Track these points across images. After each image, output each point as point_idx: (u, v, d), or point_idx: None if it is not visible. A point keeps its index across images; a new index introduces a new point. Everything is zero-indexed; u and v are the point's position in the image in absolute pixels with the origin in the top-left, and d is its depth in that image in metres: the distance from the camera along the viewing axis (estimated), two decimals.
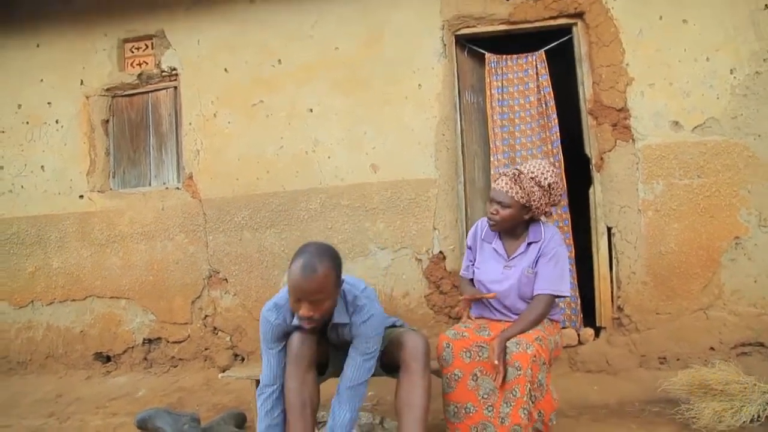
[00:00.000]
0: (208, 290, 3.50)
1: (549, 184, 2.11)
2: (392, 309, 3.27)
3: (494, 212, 2.16)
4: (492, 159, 3.26)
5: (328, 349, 2.06)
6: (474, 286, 2.28)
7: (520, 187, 2.12)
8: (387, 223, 3.29)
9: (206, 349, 3.49)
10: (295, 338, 1.90)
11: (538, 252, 2.16)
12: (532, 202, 2.12)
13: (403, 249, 3.30)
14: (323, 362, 2.04)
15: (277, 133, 3.44)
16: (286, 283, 1.85)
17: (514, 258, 2.19)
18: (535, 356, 1.94)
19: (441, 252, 3.26)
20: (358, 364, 1.92)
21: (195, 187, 3.52)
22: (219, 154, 3.50)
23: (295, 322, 1.87)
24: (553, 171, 2.14)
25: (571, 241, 3.18)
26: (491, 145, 3.27)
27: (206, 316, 3.49)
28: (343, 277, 1.92)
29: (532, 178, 2.11)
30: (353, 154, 3.36)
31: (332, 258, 1.83)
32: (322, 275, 1.77)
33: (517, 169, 2.16)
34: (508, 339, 2.02)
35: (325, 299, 1.80)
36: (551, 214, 2.25)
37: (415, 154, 3.28)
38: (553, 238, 2.18)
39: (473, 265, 2.29)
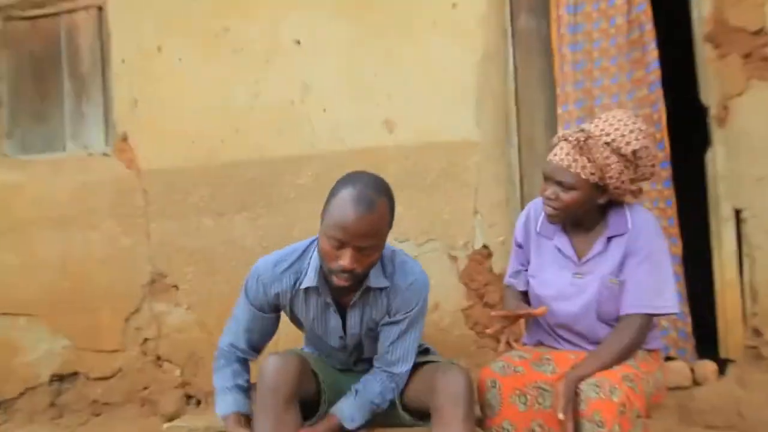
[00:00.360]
0: (149, 302, 3.48)
1: (633, 152, 2.04)
2: None
3: (552, 196, 2.11)
4: (560, 111, 3.10)
5: (320, 382, 2.07)
6: (526, 300, 2.26)
7: (588, 158, 2.05)
8: (408, 204, 3.21)
9: (145, 388, 3.48)
10: (271, 363, 1.93)
11: (624, 250, 2.11)
12: (608, 180, 2.06)
13: (431, 242, 3.23)
14: (313, 398, 2.05)
15: (250, 76, 3.39)
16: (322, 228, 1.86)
17: (588, 261, 2.14)
18: (623, 405, 1.89)
19: (485, 246, 3.20)
20: (398, 340, 2.02)
21: (131, 153, 3.52)
22: (166, 105, 3.47)
23: (308, 282, 1.96)
24: (639, 129, 2.06)
25: (677, 232, 3.06)
26: (558, 91, 3.11)
27: (146, 339, 3.49)
28: None
29: (606, 143, 2.04)
30: (359, 106, 3.28)
31: (390, 195, 1.89)
32: (379, 214, 1.81)
33: (582, 129, 2.08)
34: (582, 379, 1.97)
35: (376, 248, 1.85)
36: (640, 191, 2.16)
37: (447, 105, 3.21)
38: (645, 227, 2.12)
39: (525, 271, 2.28)
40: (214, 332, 3.35)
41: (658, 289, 2.08)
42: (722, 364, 3.07)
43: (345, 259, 1.84)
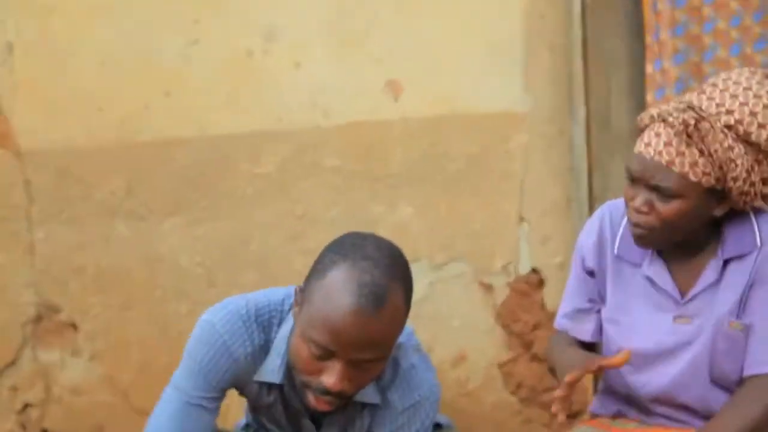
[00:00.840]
0: (33, 349, 3.43)
1: None
2: None
3: (644, 209, 2.11)
4: (650, 69, 3.07)
5: None
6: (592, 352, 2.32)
7: (701, 151, 2.03)
8: (420, 207, 3.24)
9: None
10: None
11: (750, 278, 2.14)
12: (731, 182, 2.05)
13: (454, 263, 3.24)
14: None
15: (186, 14, 3.32)
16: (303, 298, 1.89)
17: (695, 298, 2.17)
18: None
19: (535, 270, 3.22)
20: None
21: (4, 125, 3.39)
22: (59, 54, 3.38)
23: (268, 375, 1.97)
24: None
25: None
26: (649, 40, 3.08)
27: (27, 405, 3.42)
28: None
29: (728, 126, 2.03)
30: (349, 61, 3.27)
31: (406, 273, 1.91)
32: (392, 313, 1.83)
33: (690, 105, 2.07)
34: None
35: (381, 360, 1.87)
36: None
37: (480, 60, 3.21)
38: None
39: (595, 309, 2.30)
40: (129, 393, 3.37)
41: None
42: None
43: (331, 377, 1.83)
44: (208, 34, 3.32)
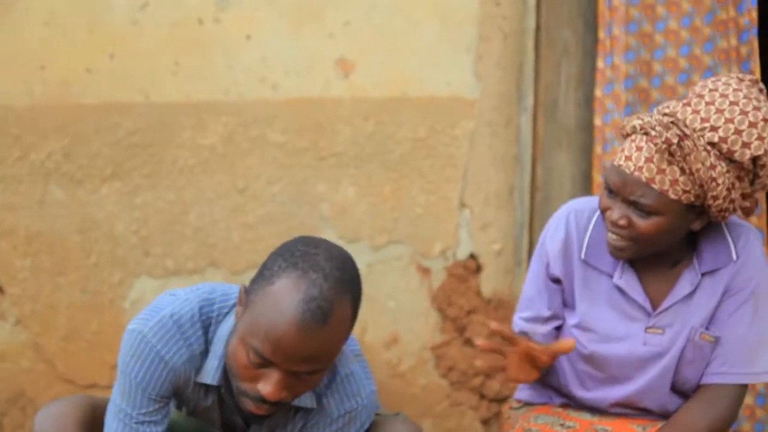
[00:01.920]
0: None
1: (754, 159, 2.04)
2: None
3: (623, 223, 2.10)
4: (601, 64, 3.06)
5: None
6: (551, 373, 2.32)
7: (683, 169, 2.02)
8: (363, 187, 3.24)
9: None
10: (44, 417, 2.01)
11: (724, 290, 2.18)
12: (712, 200, 2.06)
13: (394, 245, 3.24)
14: None
15: None
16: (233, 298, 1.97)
17: (668, 309, 2.19)
18: None
19: (473, 256, 3.22)
20: None
21: None
22: (1, 9, 3.28)
23: (206, 377, 1.96)
24: (764, 119, 2.03)
25: None
26: (602, 34, 3.06)
27: None
28: None
29: (711, 143, 2.02)
30: (302, 35, 3.23)
31: (355, 284, 1.88)
32: (336, 326, 1.81)
33: (673, 119, 2.04)
34: None
35: (321, 371, 1.87)
36: (755, 204, 2.19)
37: (433, 42, 3.21)
38: (753, 255, 2.19)
39: (555, 318, 2.30)
40: (55, 361, 3.31)
41: (761, 345, 2.14)
42: None
43: (267, 386, 1.82)
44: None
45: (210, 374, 1.94)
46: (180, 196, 3.29)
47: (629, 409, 2.23)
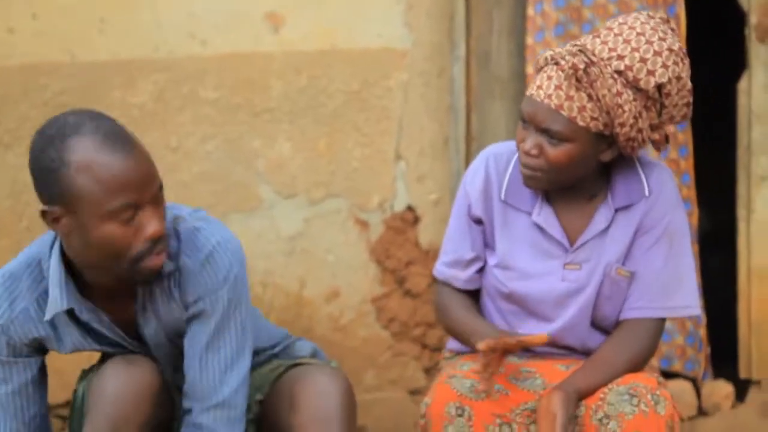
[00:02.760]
0: None
1: (659, 86, 2.08)
2: (305, 325, 3.23)
3: (534, 151, 2.13)
4: (531, 11, 3.12)
5: (171, 395, 2.10)
6: (480, 312, 2.31)
7: (590, 95, 2.07)
8: (298, 142, 3.25)
9: None
10: (108, 376, 1.94)
11: (637, 226, 2.20)
12: (619, 128, 2.09)
13: (331, 199, 3.28)
14: (163, 420, 2.09)
15: None
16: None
17: (584, 245, 2.21)
18: (672, 420, 2.04)
19: (410, 208, 3.25)
20: (209, 358, 2.00)
21: None
22: None
23: (54, 307, 1.93)
24: (669, 49, 2.08)
25: (693, 194, 3.16)
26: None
27: None
28: None
29: (618, 72, 2.07)
30: None
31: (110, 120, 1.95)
32: (138, 142, 1.89)
33: (581, 48, 2.10)
34: (584, 396, 2.09)
35: (161, 185, 1.91)
36: (666, 140, 2.23)
37: None
38: (664, 192, 2.21)
39: (478, 260, 2.29)
40: None
41: (676, 281, 2.17)
42: (741, 386, 3.21)
43: (152, 223, 1.84)
44: None
45: (55, 302, 1.93)
46: None
47: (553, 347, 2.24)
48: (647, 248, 2.18)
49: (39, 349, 2.03)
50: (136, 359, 1.98)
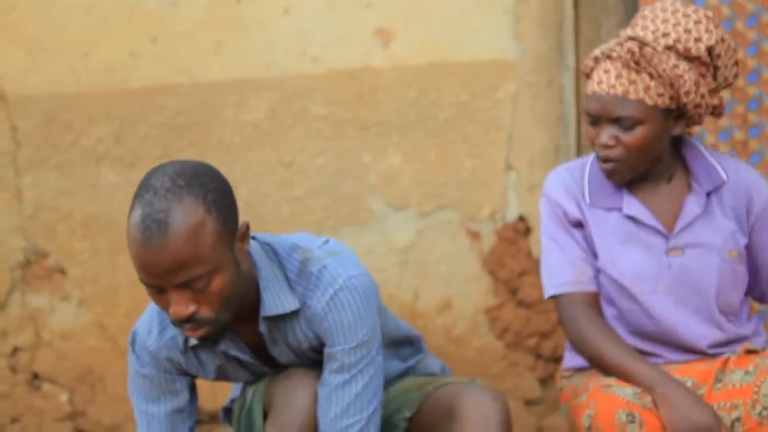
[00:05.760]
0: (22, 294, 3.38)
1: (709, 48, 2.17)
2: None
3: (611, 143, 2.20)
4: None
5: None
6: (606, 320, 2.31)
7: (651, 74, 2.15)
8: (408, 155, 3.24)
9: (15, 420, 3.40)
10: (299, 386, 2.03)
11: (734, 210, 2.29)
12: (685, 96, 2.16)
13: (442, 211, 3.25)
14: None
15: None
16: None
17: (683, 230, 2.25)
18: None
19: (522, 218, 3.24)
20: (339, 388, 2.03)
21: None
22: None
23: (192, 340, 2.03)
24: (705, 16, 2.21)
25: None
26: None
27: (17, 349, 3.37)
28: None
29: (668, 47, 2.16)
30: (338, 7, 3.22)
31: (202, 187, 1.88)
32: (182, 230, 1.82)
33: (629, 36, 2.20)
34: None
35: (214, 272, 1.86)
36: (723, 105, 2.32)
37: (469, 8, 3.20)
38: (751, 174, 2.36)
39: (591, 260, 2.31)
40: (119, 339, 3.26)
41: None
42: None
43: (172, 307, 1.87)
44: None
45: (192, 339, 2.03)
46: (228, 173, 3.01)
47: (667, 343, 2.25)
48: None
49: (188, 373, 2.12)
50: (318, 372, 2.04)
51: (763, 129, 3.01)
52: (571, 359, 2.37)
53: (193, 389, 2.17)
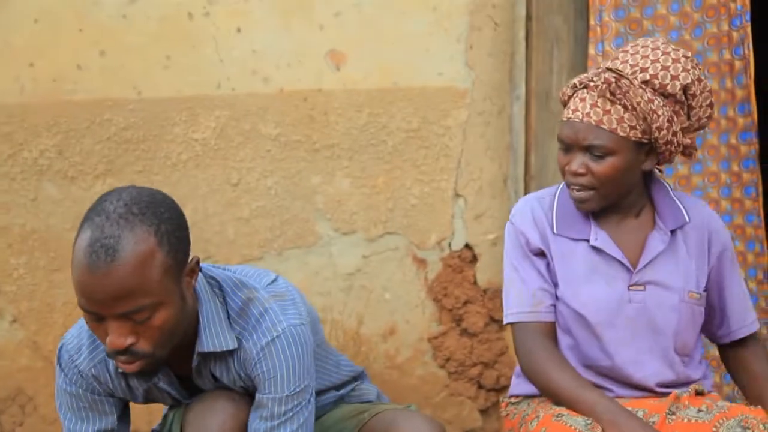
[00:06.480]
0: None
1: (684, 87, 2.19)
2: (362, 362, 3.18)
3: (581, 170, 2.19)
4: (592, 51, 3.07)
5: None
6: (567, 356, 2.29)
7: (625, 106, 2.16)
8: (357, 178, 3.25)
9: None
10: (212, 411, 2.02)
11: (696, 248, 2.30)
12: (656, 132, 2.18)
13: (389, 237, 3.25)
14: None
15: None
16: None
17: (648, 265, 2.26)
18: None
19: (469, 246, 3.23)
20: None
21: None
22: None
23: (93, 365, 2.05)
24: (684, 56, 2.23)
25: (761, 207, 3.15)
26: (593, 21, 3.08)
27: None
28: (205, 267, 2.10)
29: (645, 82, 2.18)
30: (293, 27, 3.24)
31: (157, 216, 1.85)
32: (131, 259, 1.80)
33: (608, 67, 2.21)
34: None
35: (158, 306, 1.84)
36: (695, 148, 2.34)
37: (422, 35, 3.20)
38: (713, 216, 2.39)
39: (550, 289, 2.30)
40: (52, 358, 3.00)
41: (747, 296, 2.41)
42: None
43: (109, 337, 1.84)
44: None
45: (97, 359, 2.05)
46: (174, 191, 2.94)
47: (617, 381, 2.24)
48: (729, 270, 2.32)
49: (115, 395, 2.09)
50: (232, 395, 2.02)
51: (707, 165, 3.01)
52: (519, 386, 2.36)
53: (124, 411, 2.14)
